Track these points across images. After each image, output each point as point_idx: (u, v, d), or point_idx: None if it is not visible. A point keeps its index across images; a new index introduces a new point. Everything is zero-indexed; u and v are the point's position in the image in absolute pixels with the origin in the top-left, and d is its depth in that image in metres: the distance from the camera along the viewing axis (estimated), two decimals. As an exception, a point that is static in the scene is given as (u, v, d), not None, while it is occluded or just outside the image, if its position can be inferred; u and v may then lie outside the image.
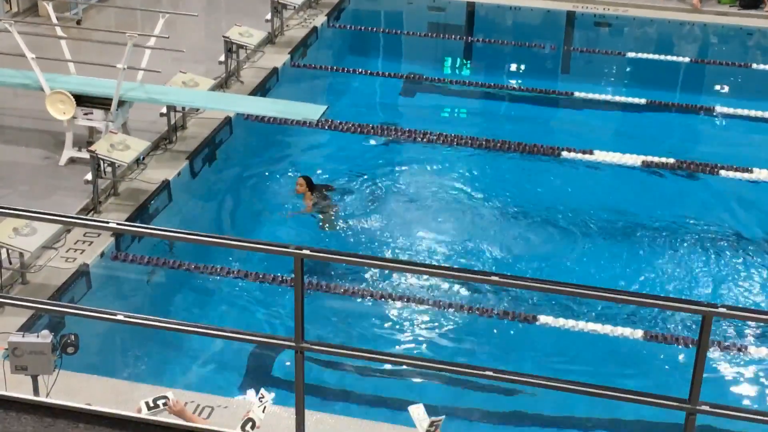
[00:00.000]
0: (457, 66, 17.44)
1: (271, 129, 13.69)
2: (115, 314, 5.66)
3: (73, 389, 8.00)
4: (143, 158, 12.07)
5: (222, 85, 14.30)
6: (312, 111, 12.50)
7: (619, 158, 13.15)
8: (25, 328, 8.83)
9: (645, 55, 16.90)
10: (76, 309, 6.65)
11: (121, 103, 12.16)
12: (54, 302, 8.67)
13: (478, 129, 14.30)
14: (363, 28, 17.94)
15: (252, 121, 13.62)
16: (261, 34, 15.00)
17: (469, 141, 13.50)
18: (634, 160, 13.10)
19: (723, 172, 12.84)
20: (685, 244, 11.70)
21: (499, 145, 13.38)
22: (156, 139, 12.67)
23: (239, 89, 14.39)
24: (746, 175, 12.83)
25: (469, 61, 17.61)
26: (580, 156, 13.21)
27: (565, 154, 13.21)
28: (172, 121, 12.83)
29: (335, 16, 17.82)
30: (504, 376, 5.48)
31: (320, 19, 17.30)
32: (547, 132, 14.55)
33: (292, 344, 5.49)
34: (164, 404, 6.60)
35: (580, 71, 17.13)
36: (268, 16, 16.12)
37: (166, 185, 11.91)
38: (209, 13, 17.11)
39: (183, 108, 13.05)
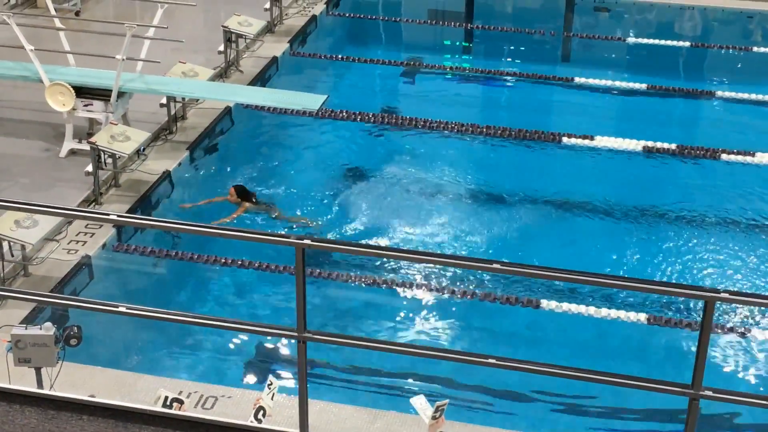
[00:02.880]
0: (457, 53, 17.40)
1: (271, 118, 13.69)
2: (117, 306, 5.67)
3: (77, 381, 8.01)
4: (144, 149, 12.07)
5: (221, 74, 14.29)
6: (312, 100, 12.50)
7: (619, 143, 13.14)
8: (28, 320, 8.84)
9: (645, 40, 16.87)
10: (78, 301, 6.67)
11: (121, 94, 12.16)
12: (56, 294, 8.68)
13: (478, 116, 14.29)
14: (362, 15, 17.90)
15: (252, 111, 13.61)
16: (260, 24, 14.98)
17: (470, 128, 13.49)
18: (635, 145, 13.08)
19: (725, 156, 12.83)
20: (687, 229, 11.69)
21: (499, 131, 13.37)
22: (156, 129, 12.67)
23: (239, 79, 14.38)
24: (748, 159, 12.81)
25: (469, 48, 17.58)
26: (580, 142, 13.20)
27: (565, 140, 13.20)
28: (172, 112, 12.83)
29: (334, 4, 17.79)
30: (507, 363, 5.48)
31: (319, 8, 17.27)
32: (547, 118, 14.54)
33: (295, 334, 5.49)
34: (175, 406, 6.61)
35: (580, 57, 17.10)
36: (267, 5, 16.09)
37: (167, 176, 11.91)
38: (208, 3, 17.08)
39: (183, 98, 13.05)
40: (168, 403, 6.51)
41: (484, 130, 13.46)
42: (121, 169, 11.70)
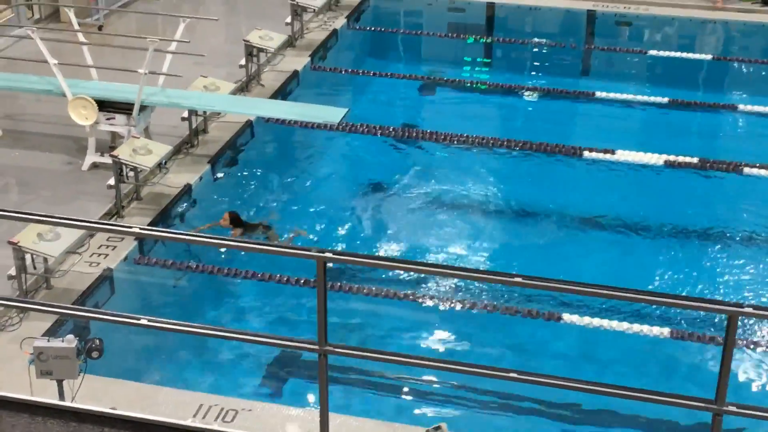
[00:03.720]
0: (477, 66, 17.41)
1: (292, 132, 13.71)
2: (138, 318, 5.68)
3: (98, 393, 8.03)
4: (165, 162, 12.11)
5: (243, 88, 14.34)
6: (333, 114, 12.51)
7: (641, 157, 13.08)
8: (50, 333, 8.87)
9: (667, 53, 16.81)
10: (100, 314, 6.68)
11: (143, 108, 12.21)
12: (78, 307, 8.71)
13: (499, 129, 14.27)
14: (383, 29, 17.94)
15: (273, 124, 13.65)
16: (281, 38, 15.03)
17: (491, 141, 13.47)
18: (656, 159, 13.02)
19: (747, 170, 12.75)
20: (711, 244, 11.62)
21: (520, 145, 13.34)
22: (178, 143, 12.71)
23: (260, 92, 14.42)
24: (770, 173, 12.73)
25: (489, 62, 17.58)
26: (602, 156, 13.15)
27: (586, 153, 13.16)
28: (194, 125, 12.87)
29: (355, 18, 17.83)
30: (528, 378, 5.45)
31: (340, 22, 17.32)
32: (568, 132, 14.50)
33: (316, 347, 5.49)
34: None
35: (602, 70, 17.06)
36: (288, 19, 16.14)
37: (188, 189, 11.95)
38: (229, 17, 17.16)
39: (204, 112, 13.09)
40: None
41: (505, 143, 13.44)
42: (143, 182, 11.75)
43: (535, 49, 17.34)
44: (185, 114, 12.81)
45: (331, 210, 12.27)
